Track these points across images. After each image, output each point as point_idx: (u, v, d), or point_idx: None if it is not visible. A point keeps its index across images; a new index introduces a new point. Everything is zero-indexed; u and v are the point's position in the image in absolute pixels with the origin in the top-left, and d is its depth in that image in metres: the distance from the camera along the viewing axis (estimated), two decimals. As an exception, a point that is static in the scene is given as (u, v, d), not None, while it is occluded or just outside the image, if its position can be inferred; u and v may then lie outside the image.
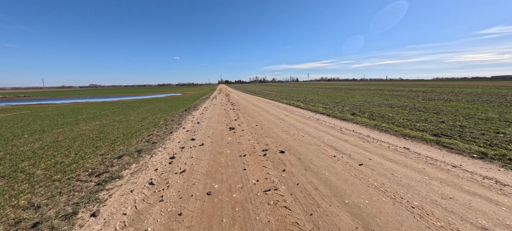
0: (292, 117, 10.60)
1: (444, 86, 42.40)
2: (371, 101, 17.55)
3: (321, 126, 8.34)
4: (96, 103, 27.82)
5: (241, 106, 15.99)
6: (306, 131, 7.49)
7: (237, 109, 14.13)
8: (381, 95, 23.39)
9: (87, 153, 6.25)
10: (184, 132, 7.89)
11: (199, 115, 12.26)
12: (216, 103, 19.24)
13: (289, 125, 8.61)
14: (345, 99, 19.90)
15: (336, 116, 10.70)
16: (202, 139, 6.77)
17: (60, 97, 48.66)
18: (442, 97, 19.04)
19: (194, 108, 16.44)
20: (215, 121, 9.97)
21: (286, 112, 12.47)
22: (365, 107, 13.82)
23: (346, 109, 13.10)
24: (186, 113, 13.41)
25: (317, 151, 5.19)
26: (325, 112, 11.75)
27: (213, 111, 13.48)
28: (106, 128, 10.01)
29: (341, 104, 15.85)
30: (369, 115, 10.77)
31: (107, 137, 8.15)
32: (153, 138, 7.32)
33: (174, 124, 9.77)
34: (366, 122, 8.98)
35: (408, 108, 12.70)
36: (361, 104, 15.65)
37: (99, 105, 23.14)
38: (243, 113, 12.30)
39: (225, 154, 5.18)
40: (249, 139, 6.48)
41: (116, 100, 32.83)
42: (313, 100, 19.40)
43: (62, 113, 16.47)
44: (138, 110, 16.78)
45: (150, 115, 13.93)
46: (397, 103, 15.30)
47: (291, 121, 9.57)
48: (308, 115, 11.16)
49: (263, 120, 9.82)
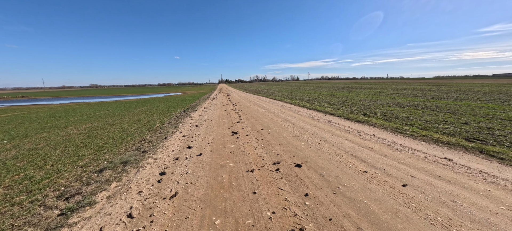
0: (300, 119, 9.62)
1: (448, 84, 41.33)
2: (377, 100, 16.64)
3: (336, 129, 7.37)
4: (93, 103, 26.92)
5: (243, 107, 15.02)
6: (321, 136, 6.51)
7: (239, 110, 13.16)
8: (386, 94, 22.44)
9: (65, 164, 5.31)
10: (181, 137, 6.93)
11: (198, 117, 11.31)
12: (217, 104, 18.28)
13: (299, 128, 7.64)
14: (351, 98, 18.94)
15: (347, 117, 9.73)
16: (200, 146, 5.81)
17: (59, 98, 47.81)
18: (450, 95, 18.09)
19: (193, 109, 15.48)
20: (216, 124, 9.01)
21: (293, 113, 11.49)
22: (374, 107, 12.88)
23: (355, 109, 12.16)
24: (184, 115, 12.46)
25: (341, 164, 4.22)
26: (335, 113, 10.77)
27: (214, 113, 12.52)
28: (95, 131, 9.08)
29: (348, 104, 14.89)
30: (382, 116, 9.88)
31: (94, 142, 7.21)
32: (145, 144, 6.37)
33: (170, 127, 8.82)
34: (383, 124, 8.00)
35: (420, 108, 11.79)
36: (369, 103, 14.71)
37: (96, 106, 22.23)
38: (246, 114, 11.34)
39: (228, 168, 4.22)
40: (256, 147, 5.52)
41: (114, 101, 31.93)
42: (317, 100, 18.43)
43: (54, 115, 15.54)
44: (134, 111, 15.85)
45: (146, 116, 12.99)
46: (406, 102, 14.38)
47: (300, 123, 8.59)
48: (317, 116, 10.18)
49: (269, 123, 8.85)
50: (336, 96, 21.44)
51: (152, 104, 21.25)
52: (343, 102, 16.12)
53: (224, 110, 13.31)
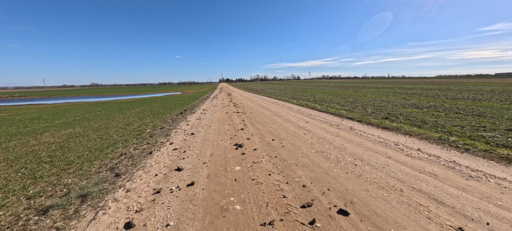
0: (315, 125, 8.14)
1: (454, 83, 39.84)
2: (389, 100, 15.31)
3: (366, 140, 5.87)
4: (87, 104, 25.56)
5: (246, 109, 13.55)
6: (352, 151, 5.02)
7: (242, 113, 11.68)
8: (395, 93, 21.11)
9: (8, 193, 3.88)
10: (170, 151, 5.46)
11: (196, 121, 9.84)
12: (217, 105, 16.80)
13: (319, 139, 6.14)
14: (359, 98, 17.56)
15: (369, 122, 8.25)
16: (193, 167, 4.35)
17: (56, 97, 46.59)
18: (464, 96, 16.81)
19: (191, 111, 14.03)
20: (215, 131, 7.55)
21: (303, 116, 10.01)
22: (390, 108, 11.58)
23: (371, 111, 10.79)
24: (180, 118, 11.01)
25: (411, 212, 2.72)
26: (352, 117, 9.28)
27: (213, 116, 11.05)
28: (74, 139, 7.65)
29: (359, 105, 13.49)
30: (405, 120, 8.59)
31: (64, 156, 5.79)
32: (123, 162, 4.92)
33: (161, 135, 7.37)
34: (417, 132, 6.53)
35: (441, 110, 10.50)
36: (382, 104, 13.38)
37: (88, 107, 20.85)
38: (251, 118, 9.85)
39: (233, 214, 2.74)
40: (270, 171, 4.04)
41: (110, 100, 30.57)
42: (324, 100, 16.98)
43: (39, 117, 14.16)
44: (127, 113, 14.43)
45: (137, 120, 11.56)
46: (421, 103, 13.06)
47: (318, 131, 7.10)
48: (334, 121, 8.69)
49: (280, 130, 7.37)
50: (342, 96, 20.09)
51: (149, 105, 19.84)
52: (353, 103, 14.74)
53: (225, 113, 11.84)
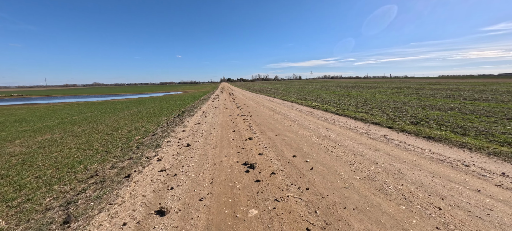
0: (340, 132, 6.66)
1: (462, 83, 38.29)
2: (403, 101, 13.96)
3: (422, 159, 4.37)
4: (83, 104, 24.26)
5: (252, 111, 12.09)
6: (417, 181, 3.49)
7: (248, 116, 10.22)
8: (406, 94, 19.74)
9: None
10: (156, 172, 4.02)
11: (194, 126, 8.41)
12: (219, 106, 15.36)
13: (356, 155, 4.64)
14: (370, 99, 16.23)
15: (403, 129, 6.78)
16: (185, 208, 2.90)
17: (54, 97, 45.47)
18: (482, 96, 15.43)
19: (190, 112, 12.60)
20: (217, 141, 6.11)
21: (320, 121, 8.55)
22: (410, 110, 10.33)
23: (392, 114, 9.51)
24: (177, 122, 9.59)
25: None
26: (379, 122, 7.81)
27: (214, 120, 9.60)
28: (44, 150, 6.26)
29: (375, 106, 12.14)
30: (438, 125, 7.29)
31: (19, 176, 4.39)
32: (87, 192, 3.50)
33: (149, 147, 5.94)
34: (472, 143, 5.05)
35: (469, 113, 9.16)
36: (397, 106, 12.13)
37: (81, 107, 19.51)
38: (259, 123, 8.40)
39: None
40: (306, 219, 2.58)
41: (108, 100, 29.28)
42: (333, 101, 15.55)
43: (24, 119, 12.84)
44: (119, 115, 13.05)
45: (129, 123, 10.15)
46: (441, 105, 11.76)
47: (348, 142, 5.62)
48: (359, 127, 7.22)
49: (299, 140, 5.89)
50: (351, 97, 18.75)
51: (145, 106, 18.47)
52: (365, 104, 13.40)
53: (228, 116, 10.38)
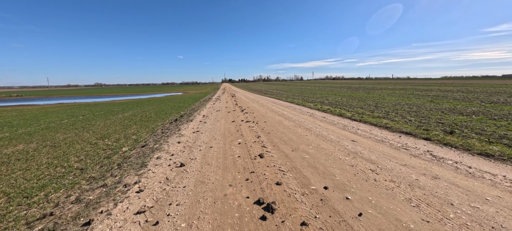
0: (372, 148, 5.44)
1: (468, 85, 37.13)
2: (417, 104, 12.92)
3: (508, 193, 3.22)
4: (79, 105, 23.25)
5: (258, 115, 10.90)
6: None
7: (254, 122, 9.03)
8: (416, 96, 18.61)
9: None
10: (128, 222, 2.78)
11: (191, 135, 7.23)
12: (220, 109, 14.19)
13: (412, 187, 3.41)
14: (380, 101, 15.26)
15: (445, 141, 5.58)
16: None
17: (54, 97, 44.64)
18: (498, 99, 14.42)
19: (189, 116, 11.44)
20: (219, 161, 4.92)
21: (338, 129, 7.34)
22: (431, 115, 9.33)
23: (417, 120, 8.51)
24: (173, 129, 8.43)
25: None
26: (410, 132, 6.59)
27: (215, 127, 8.43)
28: (4, 167, 5.12)
29: (390, 110, 11.09)
30: (474, 133, 6.29)
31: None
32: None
33: (132, 167, 4.76)
34: None
35: (497, 118, 8.16)
36: (413, 109, 11.10)
37: (76, 109, 18.44)
38: (268, 133, 7.20)
39: None
40: None
41: (105, 101, 28.28)
42: (342, 104, 14.44)
43: (9, 123, 11.78)
44: (112, 119, 11.92)
45: (119, 129, 9.01)
46: (460, 108, 10.83)
47: (392, 164, 4.37)
48: (389, 138, 6.00)
49: (324, 160, 4.68)
50: (359, 99, 17.77)
51: (143, 108, 17.36)
52: (377, 107, 12.36)
53: (231, 123, 9.20)
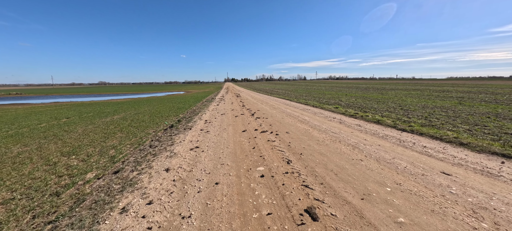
0: (487, 190, 3.31)
1: (481, 86, 34.96)
2: (449, 107, 11.08)
3: None
4: (72, 104, 21.39)
5: (273, 121, 8.75)
6: None
7: (273, 133, 6.85)
8: (438, 97, 16.63)
9: None
10: None
11: (188, 155, 5.10)
12: (226, 111, 12.05)
13: None
14: (404, 104, 13.21)
15: None
16: None
17: (52, 96, 43.17)
18: None
19: (188, 122, 9.32)
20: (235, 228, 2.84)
21: (400, 147, 5.15)
22: (480, 122, 7.58)
23: (468, 128, 6.41)
24: (166, 140, 6.33)
25: None
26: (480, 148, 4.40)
27: (221, 140, 6.30)
28: None
29: (429, 115, 9.13)
30: None
31: None
32: None
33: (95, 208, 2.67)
34: None
35: None
36: (450, 114, 9.12)
37: (64, 110, 16.48)
38: (300, 153, 5.04)
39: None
40: None
41: (101, 101, 26.43)
42: (362, 106, 12.40)
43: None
44: (97, 124, 9.87)
45: (97, 140, 6.93)
46: (504, 113, 8.95)
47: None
48: (506, 173, 3.86)
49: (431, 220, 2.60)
50: (377, 100, 15.68)
51: (137, 109, 15.35)
52: (408, 111, 10.26)
53: (242, 133, 7.06)
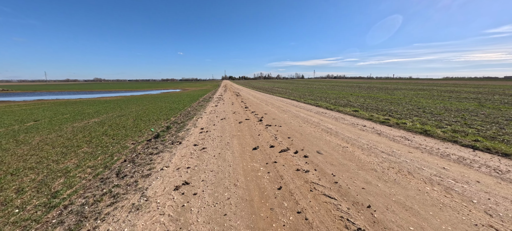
0: None
1: (482, 86, 35.03)
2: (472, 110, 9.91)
3: None
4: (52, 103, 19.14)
5: (290, 131, 6.87)
6: None
7: (301, 156, 4.95)
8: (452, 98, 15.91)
9: None
10: None
11: (169, 199, 3.20)
12: (226, 115, 10.09)
13: None
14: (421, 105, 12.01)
15: None
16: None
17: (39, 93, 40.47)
18: None
19: (179, 130, 7.35)
20: None
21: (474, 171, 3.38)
22: None
23: None
24: (140, 166, 4.41)
25: None
26: None
27: (224, 170, 4.41)
28: None
29: (462, 119, 7.89)
30: None
31: None
32: None
33: None
34: None
35: None
36: (482, 118, 8.10)
37: (40, 110, 14.29)
38: (369, 208, 3.21)
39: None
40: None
41: (88, 99, 24.19)
42: (377, 108, 10.81)
43: None
44: (66, 130, 7.81)
45: (52, 155, 4.84)
46: None
47: None
48: None
49: None
50: (387, 101, 14.53)
51: (124, 110, 13.29)
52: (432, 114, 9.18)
53: (253, 151, 5.17)
